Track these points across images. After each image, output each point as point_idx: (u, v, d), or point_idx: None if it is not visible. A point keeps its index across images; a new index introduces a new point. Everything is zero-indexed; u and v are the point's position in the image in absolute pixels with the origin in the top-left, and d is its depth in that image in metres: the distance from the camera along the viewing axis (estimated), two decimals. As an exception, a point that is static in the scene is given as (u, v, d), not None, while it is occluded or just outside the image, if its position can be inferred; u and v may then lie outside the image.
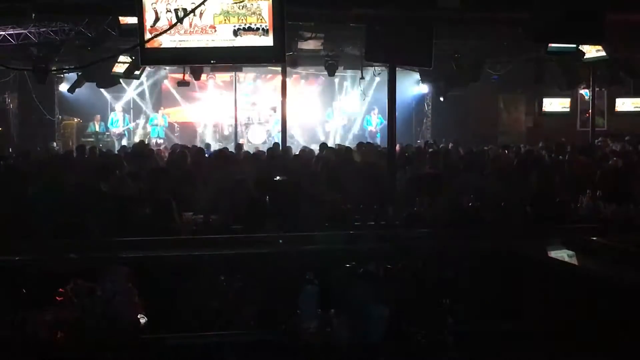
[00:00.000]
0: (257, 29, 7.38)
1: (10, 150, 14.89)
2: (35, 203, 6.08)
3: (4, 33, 12.22)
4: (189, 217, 6.38)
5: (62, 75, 17.31)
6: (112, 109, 18.67)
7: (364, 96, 18.85)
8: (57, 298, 3.01)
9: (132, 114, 19.25)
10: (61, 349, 2.86)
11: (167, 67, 17.41)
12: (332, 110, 20.03)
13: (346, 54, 14.79)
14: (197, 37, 7.49)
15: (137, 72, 15.30)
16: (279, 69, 14.56)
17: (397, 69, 8.47)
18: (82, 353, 2.88)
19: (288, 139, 16.02)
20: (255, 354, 3.21)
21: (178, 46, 7.58)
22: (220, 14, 7.41)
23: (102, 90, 17.62)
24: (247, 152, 13.55)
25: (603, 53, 12.55)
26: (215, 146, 16.56)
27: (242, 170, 8.71)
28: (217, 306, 3.40)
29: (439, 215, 5.90)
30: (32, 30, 12.25)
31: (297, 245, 3.90)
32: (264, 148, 14.93)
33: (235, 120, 18.50)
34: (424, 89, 18.54)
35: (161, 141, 17.99)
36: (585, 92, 18.40)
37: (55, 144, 17.26)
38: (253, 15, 7.40)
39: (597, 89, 16.49)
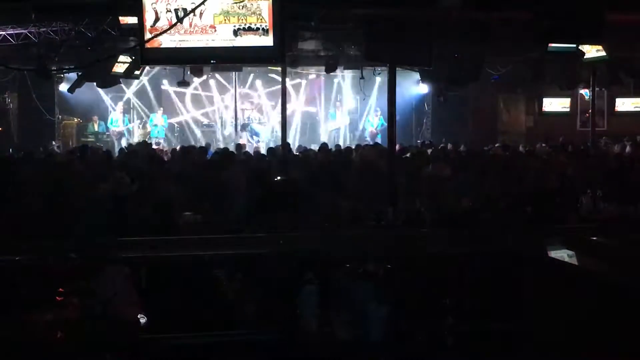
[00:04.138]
0: (257, 29, 7.39)
1: (11, 150, 14.87)
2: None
3: (4, 33, 12.21)
4: (189, 217, 6.38)
5: (62, 75, 17.27)
6: (112, 109, 18.65)
7: (364, 96, 18.83)
8: (57, 298, 3.01)
9: (132, 113, 19.22)
10: (61, 349, 2.86)
11: (167, 67, 17.39)
12: (334, 110, 20.01)
13: (346, 54, 14.77)
14: (197, 37, 7.49)
15: (137, 72, 15.28)
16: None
17: (397, 69, 8.46)
18: (82, 353, 2.88)
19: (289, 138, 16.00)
20: (255, 354, 3.21)
21: (178, 46, 7.58)
22: (220, 14, 7.42)
23: (101, 90, 17.59)
24: (248, 152, 13.54)
25: (603, 53, 12.54)
26: (215, 146, 16.54)
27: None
28: (217, 306, 3.41)
29: (439, 215, 5.90)
30: (32, 30, 12.24)
31: (297, 245, 3.89)
32: (264, 148, 14.91)
33: (236, 120, 18.49)
34: (424, 89, 18.50)
35: (161, 141, 17.97)
36: (585, 92, 18.39)
37: (54, 143, 17.24)
38: (253, 15, 7.40)
39: (597, 89, 16.47)
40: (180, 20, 7.25)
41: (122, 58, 13.66)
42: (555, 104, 19.32)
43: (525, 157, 10.66)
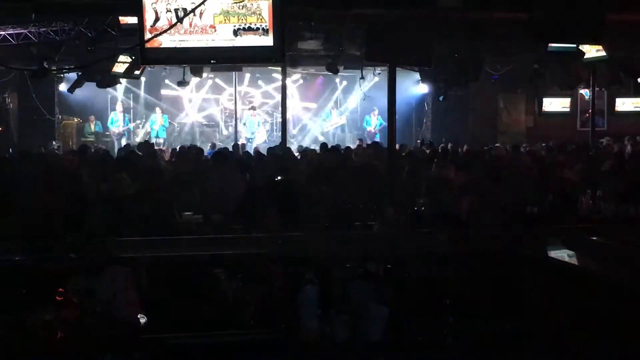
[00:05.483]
0: (257, 28, 7.39)
1: (11, 150, 14.87)
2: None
3: (4, 33, 12.22)
4: (189, 217, 6.39)
5: (62, 75, 17.28)
6: (113, 109, 18.64)
7: (364, 96, 18.84)
8: (57, 298, 3.01)
9: (132, 113, 19.22)
10: (61, 349, 2.86)
11: (167, 67, 17.40)
12: (329, 110, 20.02)
13: (346, 54, 14.79)
14: (197, 37, 7.50)
15: (137, 72, 15.29)
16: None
17: (397, 69, 8.46)
18: (82, 353, 2.88)
19: (290, 138, 16.00)
20: (255, 354, 3.21)
21: (178, 46, 7.59)
22: (220, 14, 7.42)
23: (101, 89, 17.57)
24: (248, 152, 13.55)
25: (603, 53, 12.55)
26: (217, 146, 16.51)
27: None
28: (217, 306, 3.40)
29: (439, 215, 5.90)
30: (32, 30, 12.25)
31: (297, 245, 3.89)
32: (264, 147, 14.89)
33: (235, 120, 18.48)
34: (424, 89, 18.53)
35: (161, 141, 17.95)
36: (585, 92, 18.40)
37: (54, 143, 17.25)
38: (253, 15, 7.40)
39: (597, 89, 16.49)
40: (180, 20, 7.25)
41: (122, 58, 13.66)
42: (555, 104, 19.33)
43: (525, 157, 10.67)
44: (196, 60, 9.36)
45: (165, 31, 7.04)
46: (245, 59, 8.72)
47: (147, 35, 7.40)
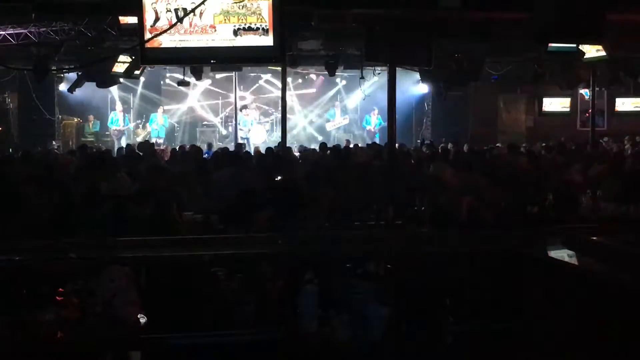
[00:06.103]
0: (257, 28, 7.40)
1: (11, 150, 14.88)
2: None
3: (4, 33, 12.21)
4: (189, 217, 6.37)
5: (62, 75, 17.29)
6: (113, 109, 18.65)
7: (364, 96, 18.85)
8: (57, 298, 3.01)
9: (132, 113, 19.23)
10: (61, 349, 2.86)
11: (167, 67, 17.42)
12: (333, 110, 20.02)
13: (346, 54, 14.79)
14: (197, 37, 7.51)
15: (137, 72, 15.30)
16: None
17: (397, 69, 8.46)
18: (82, 353, 2.88)
19: (289, 138, 15.99)
20: (255, 354, 3.21)
21: (178, 46, 7.60)
22: (220, 14, 7.43)
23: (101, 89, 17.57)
24: (248, 152, 13.54)
25: (603, 53, 12.55)
26: (215, 146, 16.52)
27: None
28: (217, 306, 3.40)
29: (439, 214, 5.90)
30: (32, 30, 12.25)
31: (297, 245, 3.89)
32: (264, 147, 14.88)
33: (235, 120, 18.47)
34: (424, 89, 18.53)
35: (161, 141, 17.95)
36: (585, 92, 18.40)
37: (54, 143, 17.26)
38: (253, 15, 7.42)
39: (597, 89, 16.49)
40: (180, 20, 7.26)
41: (122, 58, 13.66)
42: (555, 104, 19.34)
43: (525, 157, 10.66)
44: (196, 60, 9.38)
45: (165, 31, 7.05)
46: (245, 58, 8.75)
47: (147, 35, 7.41)
